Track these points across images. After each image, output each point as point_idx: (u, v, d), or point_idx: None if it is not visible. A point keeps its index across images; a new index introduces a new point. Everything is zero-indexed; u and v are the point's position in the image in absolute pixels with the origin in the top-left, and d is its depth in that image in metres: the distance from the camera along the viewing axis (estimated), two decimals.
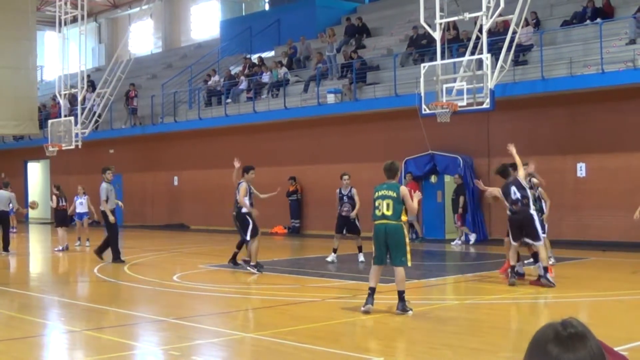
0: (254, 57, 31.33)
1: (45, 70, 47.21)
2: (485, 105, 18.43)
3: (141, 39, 44.59)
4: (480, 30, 18.87)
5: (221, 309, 11.47)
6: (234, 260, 15.93)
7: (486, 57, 18.26)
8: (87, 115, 30.35)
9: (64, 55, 30.84)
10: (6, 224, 20.85)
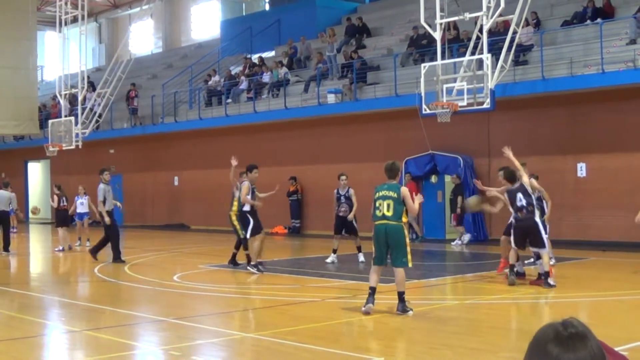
0: (254, 57, 31.33)
1: (45, 70, 47.19)
2: (485, 106, 18.42)
3: (141, 39, 44.58)
4: (480, 30, 18.87)
5: (221, 309, 11.47)
6: (233, 261, 15.94)
7: (486, 57, 18.26)
8: (88, 115, 30.35)
9: (64, 55, 30.84)
10: (6, 224, 20.86)
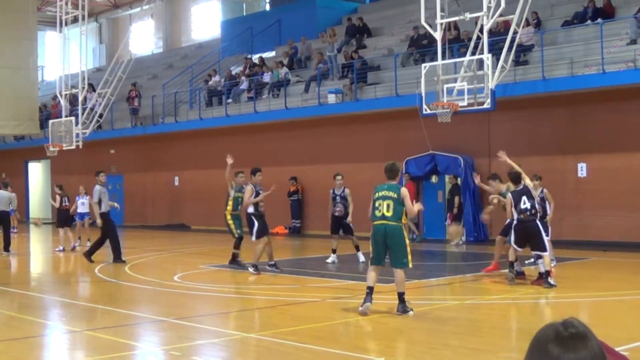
0: (254, 57, 31.34)
1: (45, 71, 47.20)
2: (486, 106, 18.41)
3: (142, 39, 44.59)
4: (481, 31, 18.86)
5: (222, 309, 11.47)
6: (233, 261, 15.94)
7: (487, 57, 18.26)
8: (88, 115, 30.35)
9: (64, 55, 30.84)
10: (7, 224, 20.86)
